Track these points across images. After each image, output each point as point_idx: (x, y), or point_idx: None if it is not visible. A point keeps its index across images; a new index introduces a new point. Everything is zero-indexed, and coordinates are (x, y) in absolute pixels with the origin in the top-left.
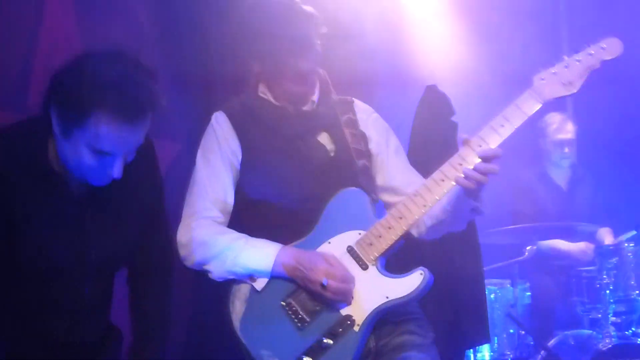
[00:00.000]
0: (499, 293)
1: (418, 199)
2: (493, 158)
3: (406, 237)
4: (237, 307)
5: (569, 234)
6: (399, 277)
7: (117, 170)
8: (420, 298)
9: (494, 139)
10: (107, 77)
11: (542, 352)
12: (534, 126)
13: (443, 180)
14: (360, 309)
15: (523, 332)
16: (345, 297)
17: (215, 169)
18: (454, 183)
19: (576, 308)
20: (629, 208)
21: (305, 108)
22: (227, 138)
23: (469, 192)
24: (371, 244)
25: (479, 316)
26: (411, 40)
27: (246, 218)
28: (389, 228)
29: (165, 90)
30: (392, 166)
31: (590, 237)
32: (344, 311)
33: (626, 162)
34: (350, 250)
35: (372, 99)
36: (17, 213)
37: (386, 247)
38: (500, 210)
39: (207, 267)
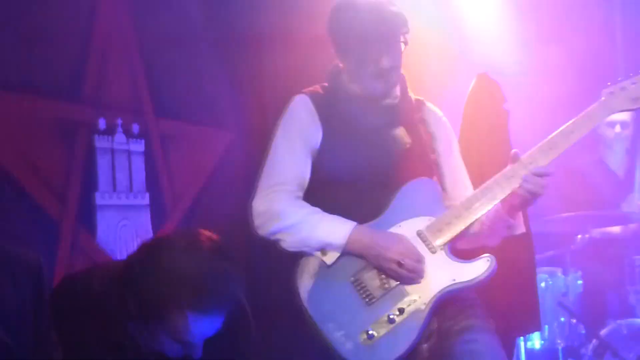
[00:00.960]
0: (550, 281)
1: (488, 193)
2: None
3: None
4: (305, 281)
5: (623, 222)
6: (466, 262)
7: (197, 352)
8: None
9: (563, 145)
10: (184, 272)
11: (594, 341)
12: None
13: (511, 179)
14: (427, 289)
15: (574, 321)
16: (417, 277)
17: (296, 147)
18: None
19: (629, 297)
20: None
21: (385, 102)
22: (309, 121)
23: (511, 209)
24: (440, 230)
25: (530, 304)
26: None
27: (320, 196)
28: (458, 217)
29: (217, 82)
30: (453, 169)
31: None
32: (412, 290)
33: None
34: (420, 234)
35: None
36: None
37: (454, 234)
38: (552, 197)
39: (280, 237)
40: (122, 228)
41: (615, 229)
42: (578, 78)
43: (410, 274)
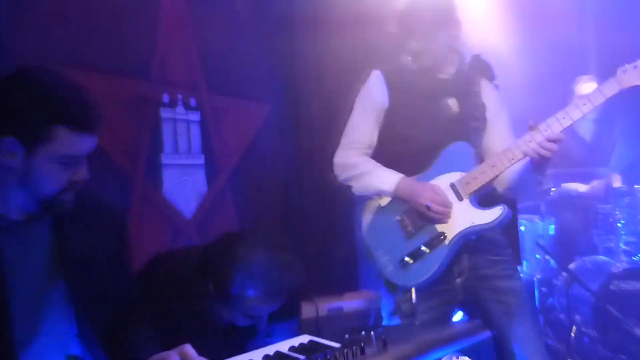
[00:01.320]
0: (529, 226)
1: (508, 153)
2: (557, 140)
3: (492, 185)
4: (367, 217)
5: (588, 178)
6: (484, 209)
7: (263, 324)
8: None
9: (576, 114)
10: (252, 263)
11: (564, 273)
12: (565, 88)
13: (528, 143)
14: (451, 229)
15: (548, 258)
16: (444, 218)
17: (368, 114)
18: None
19: (593, 238)
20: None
21: (440, 76)
22: (380, 92)
23: (536, 169)
24: (468, 183)
25: (513, 244)
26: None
27: (383, 153)
28: (483, 173)
29: (257, 62)
30: (496, 135)
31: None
32: (440, 228)
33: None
34: (452, 186)
35: None
36: None
37: (479, 186)
38: None
39: (350, 184)
40: (183, 183)
41: (583, 184)
42: (556, 60)
43: (437, 216)
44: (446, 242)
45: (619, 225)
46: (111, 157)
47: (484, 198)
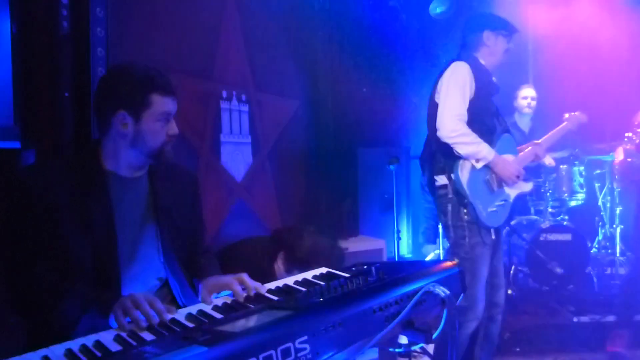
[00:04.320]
0: None
1: (530, 156)
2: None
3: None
4: (464, 174)
5: None
6: (525, 183)
7: None
8: None
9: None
10: (307, 248)
11: (507, 228)
12: (510, 95)
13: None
14: (512, 192)
15: None
16: (518, 185)
17: (465, 94)
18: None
19: (528, 203)
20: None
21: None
22: (470, 80)
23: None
24: (518, 164)
25: None
26: None
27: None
28: (523, 159)
29: (289, 67)
30: None
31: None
32: (508, 191)
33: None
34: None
35: None
36: None
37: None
38: None
39: (460, 147)
40: (235, 155)
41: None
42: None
43: (518, 182)
44: (510, 200)
45: (548, 194)
46: (185, 136)
47: None
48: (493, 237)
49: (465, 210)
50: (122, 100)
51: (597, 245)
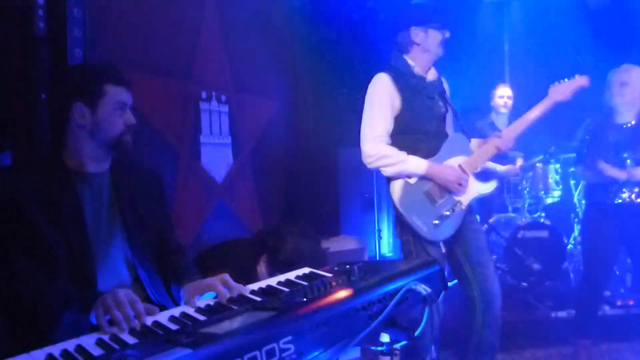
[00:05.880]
0: None
1: (489, 150)
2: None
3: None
4: (397, 192)
5: (502, 159)
6: (483, 183)
7: None
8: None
9: (525, 124)
10: (290, 246)
11: (485, 225)
12: (487, 94)
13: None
14: (466, 197)
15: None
16: (464, 190)
17: (386, 110)
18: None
19: (506, 201)
20: (539, 144)
21: (429, 79)
22: (391, 92)
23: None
24: (472, 164)
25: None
26: None
27: (398, 144)
28: (480, 156)
29: (268, 69)
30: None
31: (513, 161)
32: (458, 198)
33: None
34: (460, 166)
35: None
36: None
37: (479, 167)
38: None
39: (384, 169)
40: (216, 156)
41: (500, 166)
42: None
43: (461, 189)
44: (462, 206)
45: (525, 192)
46: (164, 137)
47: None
48: (443, 250)
49: (407, 227)
50: (77, 92)
51: (573, 241)
